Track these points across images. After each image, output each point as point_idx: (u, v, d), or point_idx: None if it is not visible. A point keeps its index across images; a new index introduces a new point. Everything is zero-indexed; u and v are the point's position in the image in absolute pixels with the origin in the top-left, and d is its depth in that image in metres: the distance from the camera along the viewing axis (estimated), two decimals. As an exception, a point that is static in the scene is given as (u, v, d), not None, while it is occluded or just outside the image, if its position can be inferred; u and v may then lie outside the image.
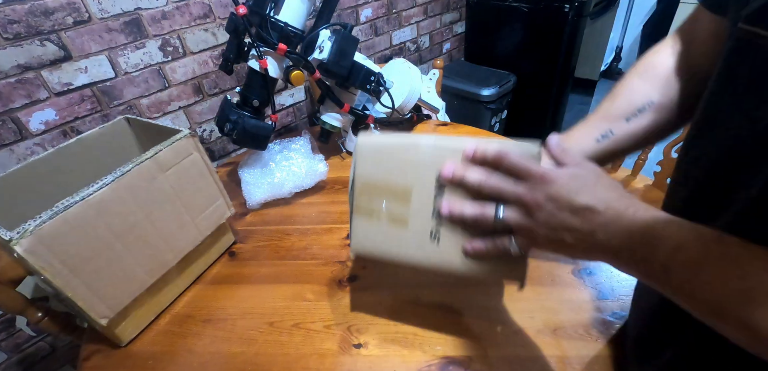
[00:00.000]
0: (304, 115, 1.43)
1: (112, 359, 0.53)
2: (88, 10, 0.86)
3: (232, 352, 0.52)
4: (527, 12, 1.70)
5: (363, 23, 1.47)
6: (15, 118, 0.83)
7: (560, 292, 0.55)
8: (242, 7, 0.67)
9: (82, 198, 0.45)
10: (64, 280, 0.44)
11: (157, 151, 0.52)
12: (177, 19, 0.99)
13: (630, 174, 1.21)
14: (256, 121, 0.74)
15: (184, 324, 0.57)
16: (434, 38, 1.83)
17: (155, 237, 0.54)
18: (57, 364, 1.04)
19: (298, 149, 0.82)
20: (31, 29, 0.80)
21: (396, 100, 0.89)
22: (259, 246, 0.70)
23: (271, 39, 0.69)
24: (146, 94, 1.00)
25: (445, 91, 1.74)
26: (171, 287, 0.59)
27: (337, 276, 0.62)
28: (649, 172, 1.18)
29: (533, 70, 1.78)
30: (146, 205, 0.52)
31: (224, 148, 1.23)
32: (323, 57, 0.73)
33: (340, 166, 0.91)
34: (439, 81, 1.17)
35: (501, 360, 0.48)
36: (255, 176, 0.78)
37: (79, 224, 0.45)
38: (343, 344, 0.52)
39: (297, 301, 0.58)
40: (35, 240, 0.41)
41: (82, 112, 0.91)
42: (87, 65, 0.89)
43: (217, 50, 1.09)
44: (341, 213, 0.76)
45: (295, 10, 0.72)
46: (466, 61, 2.03)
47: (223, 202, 0.64)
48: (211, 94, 1.13)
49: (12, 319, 0.92)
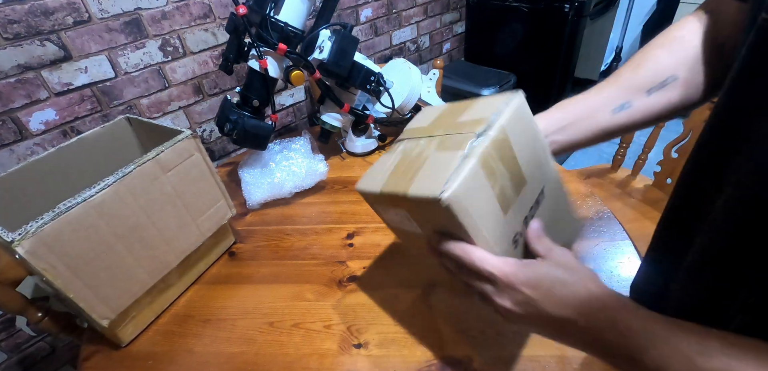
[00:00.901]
0: (304, 115, 1.43)
1: (112, 359, 0.53)
2: (88, 10, 0.86)
3: (232, 352, 0.52)
4: (527, 12, 1.70)
5: (363, 23, 1.47)
6: (15, 118, 0.83)
7: (560, 292, 0.55)
8: (242, 7, 0.67)
9: (83, 199, 0.45)
10: (66, 281, 0.45)
11: (158, 152, 0.52)
12: (177, 19, 0.99)
13: (630, 174, 1.22)
14: (256, 121, 0.74)
15: (184, 324, 0.57)
16: (434, 38, 1.83)
17: (156, 238, 0.54)
18: (57, 364, 1.04)
19: (298, 149, 0.82)
20: (31, 29, 0.80)
21: (396, 100, 0.89)
22: (259, 246, 0.70)
23: (271, 39, 0.69)
24: (146, 94, 1.00)
25: (445, 91, 1.74)
26: (171, 288, 0.59)
27: (337, 276, 0.62)
28: (649, 172, 1.18)
29: (533, 70, 1.78)
30: (148, 206, 0.52)
31: (224, 148, 1.23)
32: (323, 57, 0.73)
33: (340, 166, 0.91)
34: (439, 81, 1.17)
35: (501, 360, 0.48)
36: (255, 176, 0.78)
37: (81, 225, 0.45)
38: (343, 344, 0.52)
39: (297, 301, 0.58)
40: (37, 241, 0.41)
41: (82, 112, 0.91)
42: (87, 65, 0.89)
43: (217, 50, 1.09)
44: (341, 213, 0.76)
45: (295, 10, 0.72)
46: (466, 61, 2.03)
47: (224, 203, 0.64)
48: (211, 94, 1.13)
49: (12, 319, 0.92)
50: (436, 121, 0.41)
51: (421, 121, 0.44)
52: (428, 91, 1.08)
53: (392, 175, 0.38)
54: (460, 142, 0.33)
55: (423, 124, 0.43)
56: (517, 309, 0.31)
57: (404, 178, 0.35)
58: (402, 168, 0.37)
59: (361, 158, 0.93)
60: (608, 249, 0.61)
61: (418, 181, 0.33)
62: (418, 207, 0.35)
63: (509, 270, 0.31)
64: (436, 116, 0.43)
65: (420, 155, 0.36)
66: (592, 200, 0.71)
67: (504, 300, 0.32)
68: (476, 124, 0.34)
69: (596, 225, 0.66)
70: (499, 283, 0.32)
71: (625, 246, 0.62)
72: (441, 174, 0.31)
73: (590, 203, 0.70)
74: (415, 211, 0.36)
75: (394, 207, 0.39)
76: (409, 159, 0.38)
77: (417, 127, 0.43)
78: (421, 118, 0.45)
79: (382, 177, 0.39)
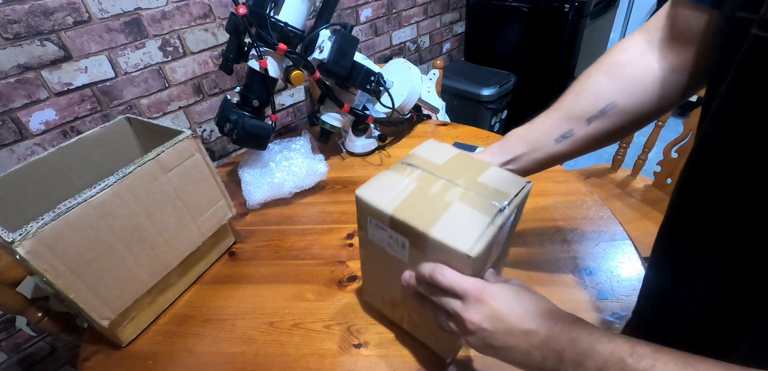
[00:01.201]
0: (304, 115, 1.43)
1: (112, 359, 0.53)
2: (88, 10, 0.86)
3: (232, 352, 0.52)
4: (527, 12, 1.70)
5: (363, 23, 1.47)
6: (15, 118, 0.83)
7: (560, 292, 0.55)
8: (242, 7, 0.67)
9: (84, 199, 0.45)
10: (66, 282, 0.45)
11: (159, 152, 0.52)
12: (177, 19, 0.99)
13: (630, 174, 1.22)
14: (256, 121, 0.74)
15: (184, 324, 0.57)
16: (434, 38, 1.83)
17: (157, 239, 0.54)
18: (57, 364, 1.04)
19: (298, 149, 0.82)
20: (31, 29, 0.80)
21: (396, 100, 0.89)
22: (259, 246, 0.70)
23: (271, 39, 0.69)
24: (146, 94, 1.00)
25: (445, 91, 1.74)
26: (172, 288, 0.59)
27: (337, 276, 0.62)
28: (649, 172, 1.18)
29: (533, 70, 1.79)
30: (148, 207, 0.52)
31: (224, 148, 1.23)
32: (323, 57, 0.73)
33: (340, 166, 0.91)
34: (439, 81, 1.17)
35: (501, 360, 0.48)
36: (255, 176, 0.78)
37: (81, 226, 0.45)
38: (343, 344, 0.52)
39: (297, 301, 0.58)
40: (37, 242, 0.41)
41: (82, 112, 0.91)
42: (87, 65, 0.89)
43: (217, 50, 1.09)
44: (341, 213, 0.76)
45: (295, 10, 0.72)
46: (466, 61, 2.03)
47: (224, 203, 0.64)
48: (211, 94, 1.13)
49: (12, 319, 0.92)
50: (451, 165, 0.45)
51: (433, 155, 0.46)
52: (428, 91, 1.08)
53: (407, 203, 0.39)
54: (486, 206, 0.38)
55: (436, 160, 0.45)
56: (485, 324, 0.33)
57: (425, 216, 0.37)
58: (420, 201, 0.39)
59: (361, 158, 0.93)
60: (608, 250, 0.61)
61: (442, 226, 0.36)
62: (430, 246, 0.37)
63: (480, 286, 0.34)
64: (449, 157, 0.46)
65: (440, 198, 0.39)
66: (592, 200, 0.71)
67: (473, 314, 0.33)
68: (499, 195, 0.39)
69: (596, 226, 0.66)
70: (471, 298, 0.34)
71: (625, 246, 0.62)
72: (468, 230, 0.35)
73: (590, 203, 0.70)
74: (421, 246, 0.38)
75: (395, 231, 0.39)
76: (428, 196, 0.40)
77: (429, 160, 0.45)
78: (432, 152, 0.47)
79: (394, 199, 0.40)
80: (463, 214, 0.37)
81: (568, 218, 0.68)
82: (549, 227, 0.66)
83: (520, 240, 0.64)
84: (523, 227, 0.67)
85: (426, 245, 0.37)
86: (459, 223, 0.36)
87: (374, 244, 0.44)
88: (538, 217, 0.69)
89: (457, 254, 0.34)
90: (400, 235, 0.39)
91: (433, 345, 0.49)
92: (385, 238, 0.41)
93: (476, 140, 0.93)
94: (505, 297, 0.33)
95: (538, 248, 0.63)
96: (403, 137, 1.00)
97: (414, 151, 0.47)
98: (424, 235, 0.36)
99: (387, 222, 0.39)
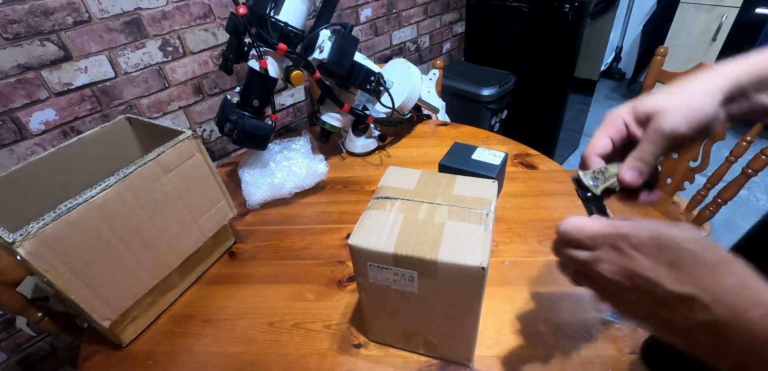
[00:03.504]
0: (304, 115, 1.43)
1: (112, 359, 0.54)
2: (88, 10, 0.86)
3: (232, 352, 0.52)
4: (527, 12, 1.70)
5: (363, 23, 1.47)
6: (15, 118, 0.83)
7: (560, 292, 0.55)
8: (242, 7, 0.67)
9: (84, 200, 0.45)
10: (67, 282, 0.45)
11: (160, 152, 0.52)
12: (177, 19, 0.99)
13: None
14: (256, 121, 0.74)
15: (184, 324, 0.57)
16: (434, 38, 1.83)
17: (158, 239, 0.54)
18: (57, 364, 1.04)
19: (298, 149, 0.82)
20: (31, 29, 0.80)
21: (396, 100, 0.89)
22: (259, 246, 0.70)
23: (271, 39, 0.69)
24: (146, 94, 1.00)
25: (445, 91, 1.74)
26: (172, 288, 0.59)
27: (337, 276, 0.62)
28: (649, 172, 1.18)
29: (533, 70, 1.78)
30: (149, 207, 0.52)
31: (224, 148, 1.23)
32: (323, 57, 0.73)
33: (341, 166, 0.91)
34: (439, 81, 1.17)
35: (501, 360, 0.48)
36: (255, 176, 0.78)
37: (82, 226, 0.45)
38: (343, 344, 0.52)
39: (297, 301, 0.59)
40: (38, 242, 0.41)
41: (82, 112, 0.91)
42: (87, 65, 0.89)
43: (217, 50, 1.09)
44: (341, 213, 0.76)
45: (295, 10, 0.72)
46: (466, 61, 2.03)
47: (225, 204, 0.64)
48: (211, 94, 1.13)
49: (12, 319, 0.92)
50: (422, 186, 0.45)
51: (402, 182, 0.46)
52: (428, 91, 1.08)
53: (403, 237, 0.39)
54: (474, 217, 0.40)
55: (406, 185, 0.46)
56: (625, 284, 0.25)
57: (425, 244, 0.38)
58: (414, 231, 0.40)
59: (361, 158, 0.93)
60: (608, 250, 0.61)
61: (447, 248, 0.37)
62: (442, 270, 0.37)
63: (614, 225, 0.26)
64: (417, 179, 0.47)
65: (431, 222, 0.40)
66: (591, 200, 0.71)
67: (608, 265, 0.26)
68: (480, 202, 0.42)
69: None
70: (601, 241, 0.27)
71: (624, 246, 0.62)
72: (470, 244, 0.37)
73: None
74: (431, 273, 0.38)
75: (400, 267, 0.39)
76: (419, 224, 0.40)
77: (401, 188, 0.45)
78: (399, 179, 0.47)
79: (389, 237, 0.39)
80: (459, 231, 0.39)
81: (568, 218, 0.68)
82: (549, 227, 0.66)
83: (521, 240, 0.64)
84: (524, 227, 0.67)
85: (436, 271, 0.38)
86: (460, 240, 0.38)
87: (377, 286, 0.43)
88: (538, 217, 0.69)
89: (471, 270, 0.36)
90: (406, 270, 0.39)
91: (453, 356, 0.48)
92: (390, 277, 0.41)
93: (476, 140, 0.93)
94: (656, 248, 0.25)
95: (538, 248, 0.63)
96: (403, 137, 1.00)
97: (382, 183, 0.47)
98: (433, 263, 0.37)
99: (390, 261, 0.39)
